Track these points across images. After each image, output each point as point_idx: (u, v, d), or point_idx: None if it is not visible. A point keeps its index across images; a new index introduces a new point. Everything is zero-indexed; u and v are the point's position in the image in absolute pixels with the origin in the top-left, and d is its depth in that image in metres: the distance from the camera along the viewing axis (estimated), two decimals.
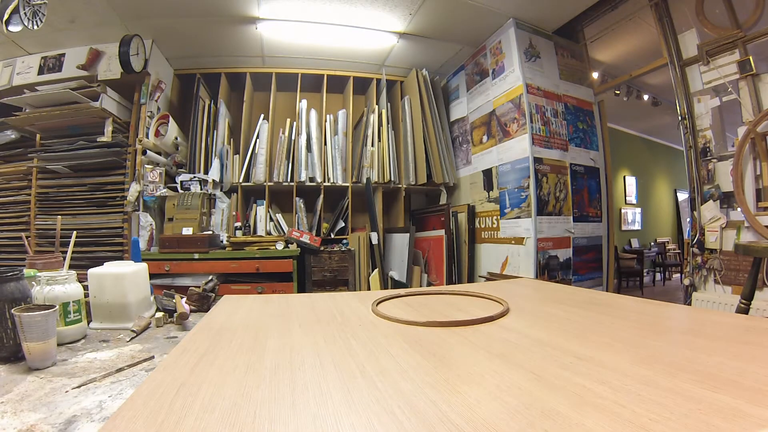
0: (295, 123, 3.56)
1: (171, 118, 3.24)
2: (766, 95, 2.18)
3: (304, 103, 3.63)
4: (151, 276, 1.30)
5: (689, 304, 2.45)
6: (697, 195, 2.51)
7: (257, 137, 3.51)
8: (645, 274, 6.33)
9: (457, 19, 3.01)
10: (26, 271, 1.02)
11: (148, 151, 3.02)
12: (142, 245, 2.91)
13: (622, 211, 7.00)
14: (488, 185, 3.37)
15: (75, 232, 1.25)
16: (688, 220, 2.65)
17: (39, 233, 2.93)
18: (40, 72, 3.01)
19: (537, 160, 2.88)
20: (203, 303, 1.30)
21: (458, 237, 3.61)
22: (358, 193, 3.71)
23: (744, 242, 2.04)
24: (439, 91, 3.87)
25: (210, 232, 3.03)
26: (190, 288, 1.31)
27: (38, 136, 2.97)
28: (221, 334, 0.72)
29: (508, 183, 3.09)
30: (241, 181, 3.45)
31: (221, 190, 3.35)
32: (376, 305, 0.91)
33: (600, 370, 0.50)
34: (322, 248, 3.26)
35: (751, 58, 2.21)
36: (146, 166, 3.00)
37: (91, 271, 1.11)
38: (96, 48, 2.97)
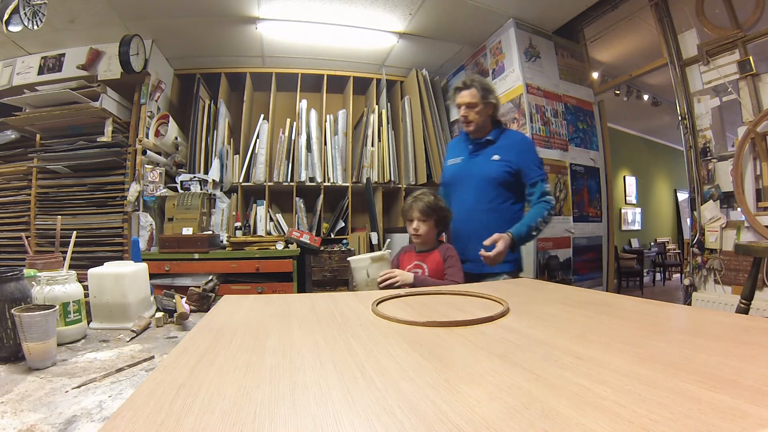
0: (295, 123, 3.56)
1: (171, 118, 3.24)
2: (766, 95, 2.18)
3: (304, 103, 3.63)
4: (151, 276, 1.29)
5: (689, 304, 2.45)
6: (697, 195, 2.51)
7: (257, 137, 3.51)
8: (645, 274, 6.33)
9: (457, 19, 3.01)
10: (26, 271, 1.02)
11: (148, 151, 3.02)
12: (142, 245, 2.91)
13: (622, 211, 7.00)
14: None
15: (75, 232, 1.25)
16: (688, 220, 2.65)
17: (39, 233, 2.93)
18: (40, 72, 3.01)
19: None
20: (203, 303, 1.30)
21: None
22: (358, 193, 3.71)
23: (744, 242, 2.04)
24: (439, 91, 3.87)
25: (210, 232, 3.03)
26: (190, 288, 1.31)
27: (38, 136, 2.96)
28: (221, 334, 0.72)
29: None
30: (241, 181, 3.45)
31: (221, 190, 3.35)
32: (376, 305, 0.91)
33: (600, 370, 0.50)
34: (322, 248, 3.25)
35: (751, 58, 2.21)
36: (146, 166, 3.00)
37: (91, 271, 1.11)
38: (96, 48, 2.96)
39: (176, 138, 3.29)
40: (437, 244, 1.70)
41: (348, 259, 1.63)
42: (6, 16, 1.92)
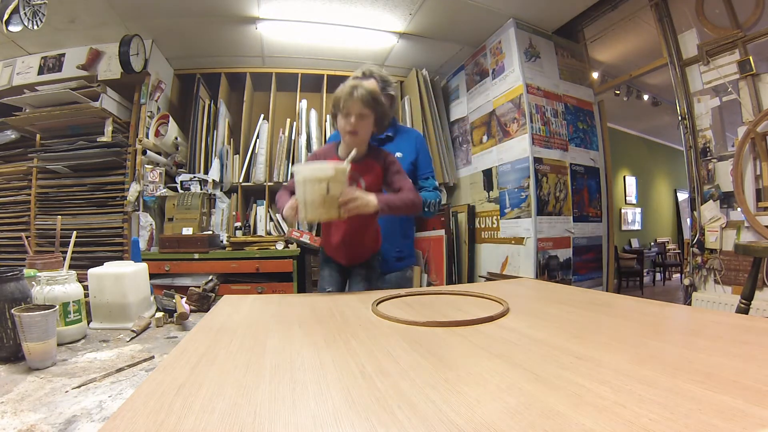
0: (295, 123, 3.56)
1: (171, 118, 3.24)
2: (766, 95, 2.18)
3: (304, 103, 3.63)
4: (151, 276, 1.30)
5: (689, 304, 2.45)
6: (697, 195, 2.50)
7: (257, 137, 3.50)
8: (645, 274, 6.33)
9: (457, 19, 3.01)
10: (26, 271, 1.02)
11: (148, 151, 3.02)
12: (142, 245, 2.91)
13: (622, 211, 7.00)
14: (488, 185, 3.36)
15: (75, 232, 1.25)
16: (688, 220, 2.65)
17: (39, 233, 2.93)
18: (40, 72, 3.01)
19: (537, 160, 2.88)
20: (203, 303, 1.30)
21: (458, 237, 3.61)
22: None
23: (744, 242, 2.04)
24: (439, 91, 3.87)
25: (210, 232, 3.03)
26: (190, 288, 1.31)
27: (38, 136, 2.96)
28: (221, 334, 0.72)
29: (508, 183, 3.09)
30: (241, 181, 3.45)
31: (221, 190, 3.34)
32: (376, 305, 0.91)
33: (600, 370, 0.50)
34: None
35: (751, 58, 2.21)
36: (146, 166, 3.00)
37: (91, 271, 1.11)
38: (96, 48, 2.96)
39: (176, 138, 3.29)
40: (369, 150, 1.35)
41: (295, 168, 1.14)
42: (6, 16, 1.92)
